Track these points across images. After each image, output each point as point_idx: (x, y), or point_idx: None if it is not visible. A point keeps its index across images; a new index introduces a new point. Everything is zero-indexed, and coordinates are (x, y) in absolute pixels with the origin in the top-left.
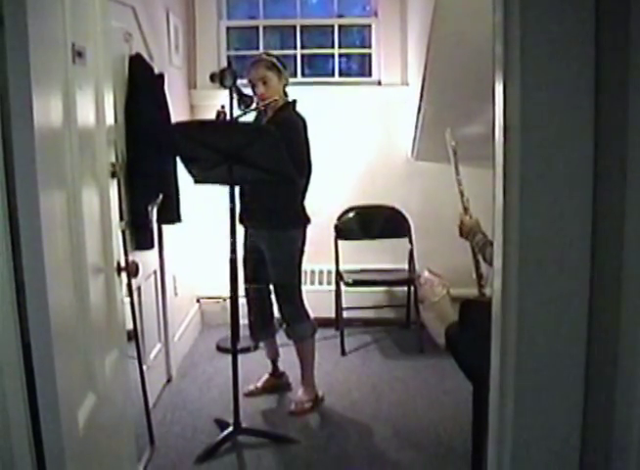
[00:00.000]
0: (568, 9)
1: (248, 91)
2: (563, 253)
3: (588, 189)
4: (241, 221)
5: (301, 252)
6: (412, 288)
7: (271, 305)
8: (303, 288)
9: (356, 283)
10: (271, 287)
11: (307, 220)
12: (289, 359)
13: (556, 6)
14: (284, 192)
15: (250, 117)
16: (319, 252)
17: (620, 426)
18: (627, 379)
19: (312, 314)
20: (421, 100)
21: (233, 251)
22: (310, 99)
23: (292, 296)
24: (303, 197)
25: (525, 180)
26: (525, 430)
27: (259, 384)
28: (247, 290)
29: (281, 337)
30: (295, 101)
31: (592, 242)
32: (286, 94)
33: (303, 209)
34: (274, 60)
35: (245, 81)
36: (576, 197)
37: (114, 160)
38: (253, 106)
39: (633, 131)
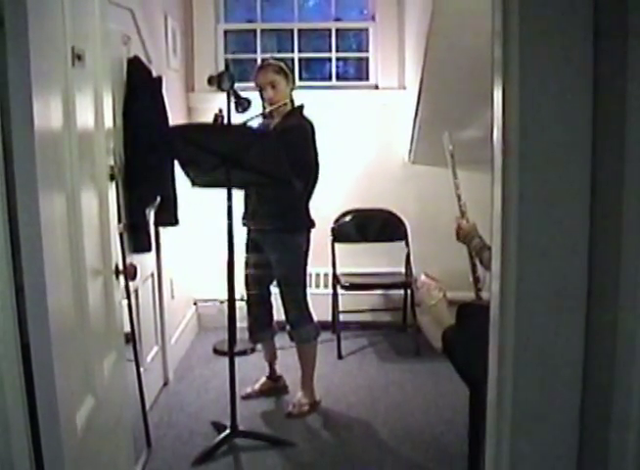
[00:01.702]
0: (567, 12)
1: (245, 94)
2: (561, 257)
3: (587, 192)
4: (244, 223)
5: (306, 254)
6: (409, 291)
7: (271, 306)
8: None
9: (353, 286)
10: (272, 289)
11: (312, 224)
12: (286, 363)
13: (555, 9)
14: (290, 196)
15: (255, 123)
16: (316, 255)
17: (618, 429)
18: (625, 383)
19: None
20: (418, 104)
21: (230, 254)
22: (307, 102)
23: (297, 298)
24: (308, 200)
25: (523, 184)
26: (522, 433)
27: (257, 387)
28: (247, 291)
29: (279, 340)
30: (302, 106)
31: (590, 245)
32: (292, 99)
33: (308, 212)
34: (282, 64)
35: (243, 85)
36: (575, 201)
37: (112, 162)
38: (260, 111)
39: (632, 133)
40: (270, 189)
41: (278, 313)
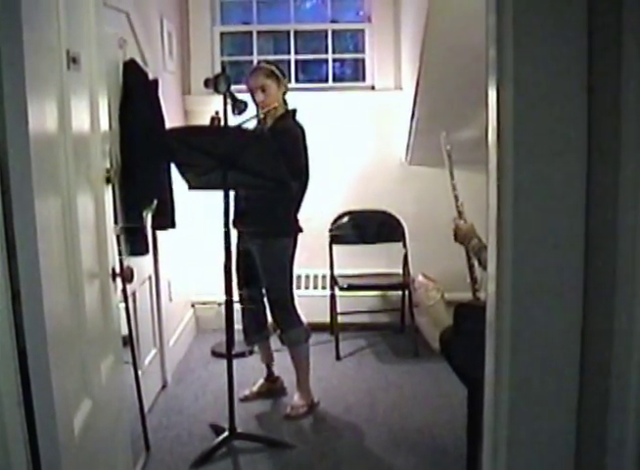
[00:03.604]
0: (561, 12)
1: (241, 97)
2: (557, 255)
3: (582, 192)
4: (234, 226)
5: (292, 259)
6: (406, 292)
7: (264, 308)
8: (298, 293)
9: (351, 288)
10: (264, 291)
11: (299, 229)
12: (283, 364)
13: (549, 10)
14: (278, 199)
15: (250, 126)
16: (314, 256)
17: (615, 429)
18: (621, 383)
19: (307, 319)
20: (414, 104)
21: (227, 256)
22: (304, 104)
23: (284, 302)
24: (299, 206)
25: (518, 184)
26: (519, 434)
27: (254, 389)
28: (240, 294)
29: (275, 342)
30: (295, 110)
31: (586, 244)
32: (285, 102)
33: (296, 217)
34: (273, 68)
35: (239, 87)
36: (570, 200)
37: (108, 165)
38: (254, 114)
39: (626, 133)
40: (261, 192)
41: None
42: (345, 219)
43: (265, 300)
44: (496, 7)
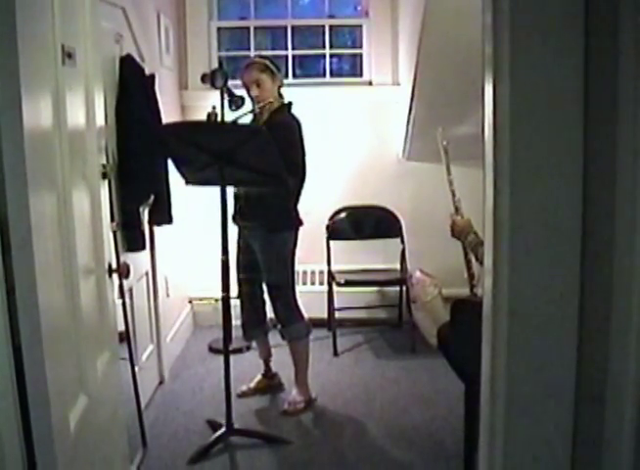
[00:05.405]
0: (557, 8)
1: (238, 92)
2: (554, 252)
3: (578, 187)
4: (234, 221)
5: (293, 253)
6: (404, 288)
7: (264, 303)
8: (296, 288)
9: (348, 283)
10: (264, 286)
11: (300, 222)
12: (281, 360)
13: (546, 6)
14: (277, 193)
15: (246, 120)
16: (311, 252)
17: (611, 425)
18: (618, 379)
19: (305, 315)
20: (412, 100)
21: (225, 252)
22: (301, 99)
23: (285, 296)
24: (297, 199)
25: (514, 179)
26: (516, 429)
27: (252, 384)
28: (239, 289)
29: (273, 337)
30: (290, 103)
31: (583, 240)
32: (281, 96)
33: (296, 211)
34: (267, 62)
35: (236, 82)
36: (566, 195)
37: (104, 161)
38: (250, 108)
39: (622, 128)
40: (260, 187)
41: (271, 311)
42: (343, 215)
43: (265, 295)
44: (492, 3)
